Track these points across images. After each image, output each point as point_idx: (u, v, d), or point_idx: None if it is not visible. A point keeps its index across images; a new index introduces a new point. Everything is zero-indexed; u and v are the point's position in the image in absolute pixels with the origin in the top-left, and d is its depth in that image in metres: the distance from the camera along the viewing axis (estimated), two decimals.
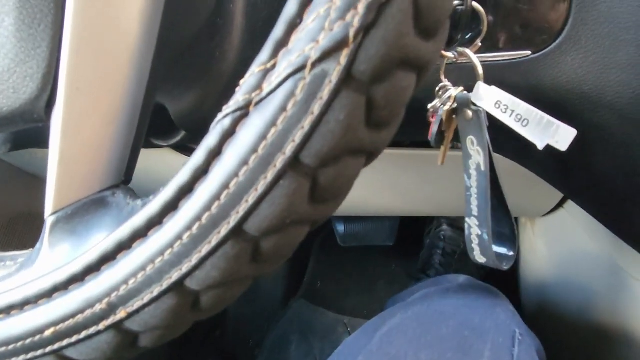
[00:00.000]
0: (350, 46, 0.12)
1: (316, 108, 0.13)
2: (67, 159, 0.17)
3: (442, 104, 0.29)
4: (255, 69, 0.13)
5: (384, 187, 0.52)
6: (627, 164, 0.28)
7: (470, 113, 0.28)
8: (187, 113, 0.32)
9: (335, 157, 0.13)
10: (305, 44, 0.12)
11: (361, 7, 0.12)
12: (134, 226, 0.15)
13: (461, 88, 0.29)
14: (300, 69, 0.13)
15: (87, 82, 0.17)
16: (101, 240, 0.16)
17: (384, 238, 0.89)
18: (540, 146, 0.24)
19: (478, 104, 0.27)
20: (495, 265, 0.30)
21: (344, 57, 0.12)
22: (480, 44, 0.27)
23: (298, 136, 0.13)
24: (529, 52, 0.29)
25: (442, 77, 0.29)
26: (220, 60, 0.29)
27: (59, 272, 0.16)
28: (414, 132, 0.34)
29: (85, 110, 0.17)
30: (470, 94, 0.27)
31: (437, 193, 0.53)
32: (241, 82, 0.14)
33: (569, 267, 0.54)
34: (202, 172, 0.14)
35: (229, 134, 0.14)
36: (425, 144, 0.34)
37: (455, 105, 0.29)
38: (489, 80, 0.28)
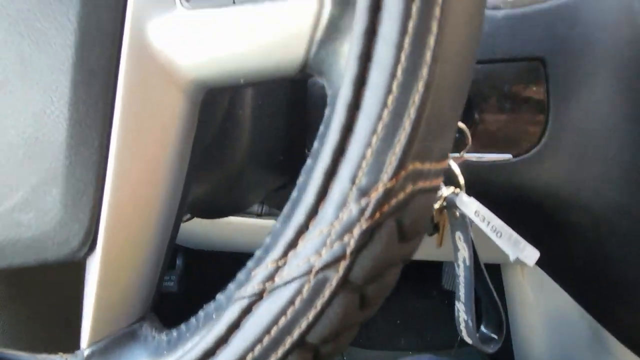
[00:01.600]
0: (347, 260, 0.15)
1: (318, 304, 0.15)
2: (102, 302, 0.20)
3: None
4: (269, 263, 0.16)
5: None
6: (601, 261, 0.31)
7: (457, 213, 0.31)
8: (197, 202, 0.34)
9: (334, 335, 0.16)
10: (310, 253, 0.15)
11: (356, 233, 0.15)
12: None
13: (452, 188, 0.32)
14: (306, 273, 0.15)
15: (123, 238, 0.20)
16: None
17: None
18: (512, 258, 0.26)
19: (461, 208, 0.30)
20: (480, 348, 0.33)
21: (341, 268, 0.15)
22: (464, 156, 0.30)
23: (304, 324, 0.16)
24: (511, 156, 0.32)
25: None
26: (230, 159, 0.32)
27: None
28: None
29: (120, 260, 0.20)
30: (457, 198, 0.30)
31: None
32: (256, 270, 0.16)
33: (554, 319, 0.57)
34: (223, 341, 0.17)
35: (246, 312, 0.16)
36: None
37: (445, 203, 0.31)
38: (476, 179, 0.31)
